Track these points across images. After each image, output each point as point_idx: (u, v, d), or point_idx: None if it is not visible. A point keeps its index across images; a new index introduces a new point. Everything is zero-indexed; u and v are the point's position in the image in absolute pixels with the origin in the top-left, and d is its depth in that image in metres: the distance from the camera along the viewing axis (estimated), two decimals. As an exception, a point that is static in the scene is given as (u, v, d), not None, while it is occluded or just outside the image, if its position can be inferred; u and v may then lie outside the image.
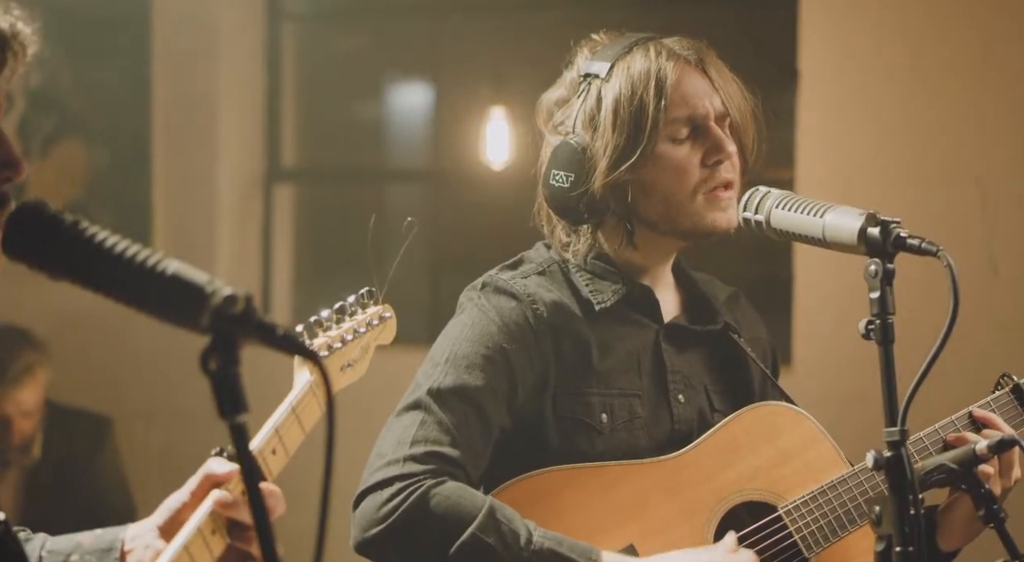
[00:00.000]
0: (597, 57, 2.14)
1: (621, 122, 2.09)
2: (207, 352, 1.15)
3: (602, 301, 2.14)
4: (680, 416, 2.16)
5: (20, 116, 5.07)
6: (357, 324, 1.94)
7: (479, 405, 2.05)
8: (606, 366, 2.12)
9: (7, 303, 4.42)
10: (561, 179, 2.11)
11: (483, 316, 2.10)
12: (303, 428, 1.78)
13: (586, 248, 2.16)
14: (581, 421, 2.10)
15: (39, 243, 1.22)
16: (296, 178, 5.18)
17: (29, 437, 4.15)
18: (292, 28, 5.12)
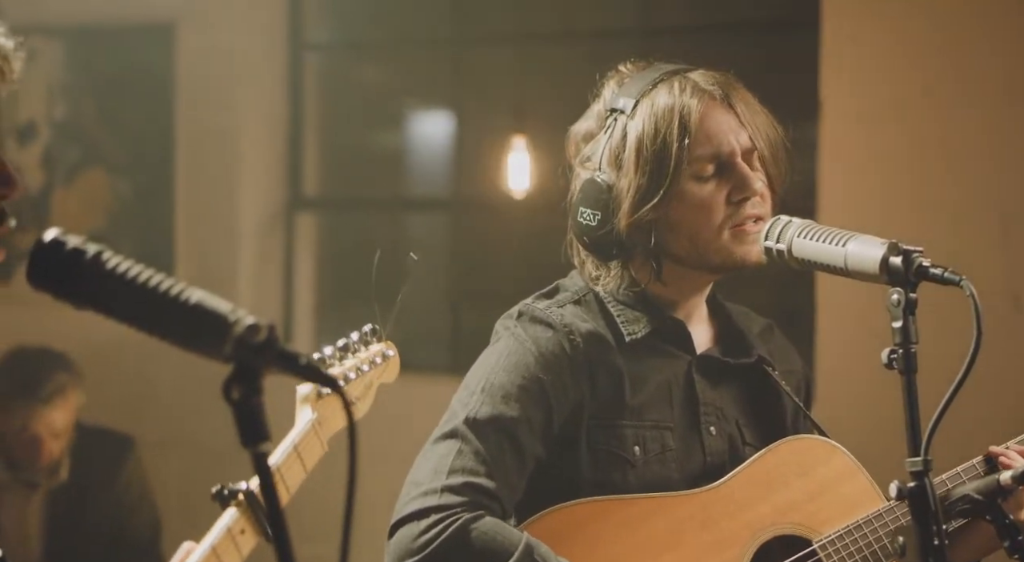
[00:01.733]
0: (623, 91, 2.13)
1: (644, 161, 2.07)
2: (230, 381, 1.15)
3: (633, 333, 2.13)
4: (712, 448, 2.15)
5: (45, 146, 5.11)
6: (360, 362, 1.93)
7: (515, 436, 2.04)
8: (639, 398, 2.11)
9: (42, 327, 4.45)
10: (588, 217, 2.11)
11: (519, 346, 2.09)
12: (304, 467, 1.77)
13: (615, 282, 2.16)
14: (614, 453, 2.09)
15: (62, 274, 1.22)
16: (318, 207, 5.20)
17: (57, 459, 4.16)
18: (314, 58, 5.15)
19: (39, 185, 5.11)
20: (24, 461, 4.13)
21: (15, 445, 4.12)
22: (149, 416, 4.82)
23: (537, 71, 4.87)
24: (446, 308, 4.94)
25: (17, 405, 4.10)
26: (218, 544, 1.59)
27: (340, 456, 1.53)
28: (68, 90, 5.11)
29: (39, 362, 4.22)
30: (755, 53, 4.46)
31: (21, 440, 4.10)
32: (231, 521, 1.62)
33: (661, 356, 2.15)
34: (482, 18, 4.99)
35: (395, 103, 5.27)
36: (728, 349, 2.22)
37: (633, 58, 2.21)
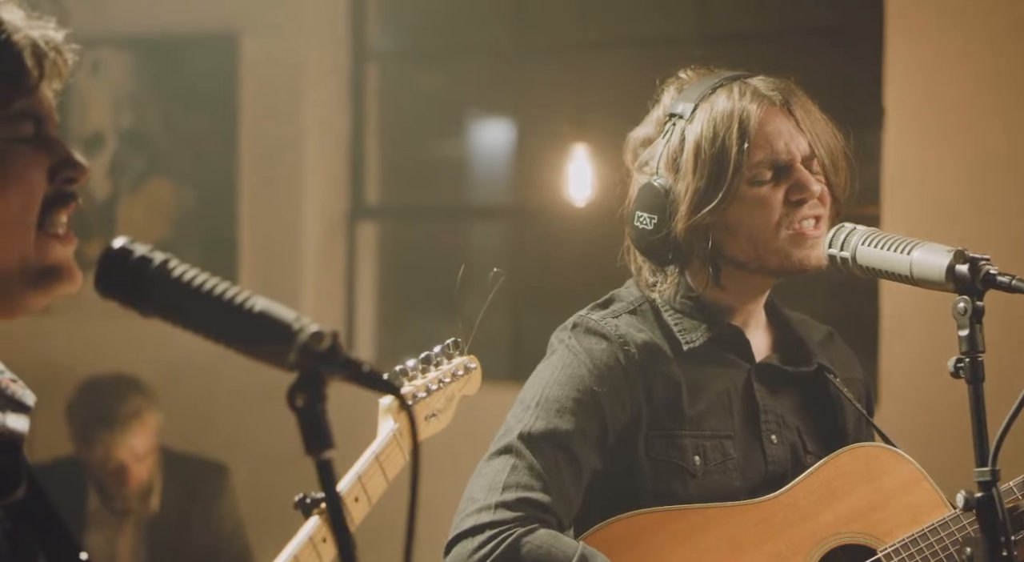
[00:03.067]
0: (682, 97, 2.13)
1: (702, 164, 2.07)
2: (294, 389, 1.16)
3: (690, 341, 2.12)
4: (773, 457, 2.14)
5: (111, 156, 5.17)
6: (442, 374, 1.95)
7: (570, 449, 2.03)
8: (697, 407, 2.10)
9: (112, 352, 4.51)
10: (645, 221, 2.10)
11: (574, 358, 2.09)
12: (386, 476, 1.78)
13: (672, 288, 2.15)
14: (674, 463, 2.08)
15: (130, 282, 1.24)
16: (379, 216, 5.23)
17: (146, 484, 4.19)
18: (376, 68, 5.17)
19: (106, 194, 5.17)
20: (113, 489, 4.17)
21: (102, 474, 4.16)
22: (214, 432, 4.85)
23: (597, 79, 4.87)
24: (507, 316, 4.94)
25: (97, 434, 4.13)
26: (300, 553, 1.60)
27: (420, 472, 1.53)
28: (134, 100, 5.17)
29: (113, 389, 4.25)
30: (816, 60, 4.44)
31: (107, 469, 4.14)
32: (313, 530, 1.63)
33: (719, 364, 2.14)
34: (543, 27, 5.00)
35: (456, 112, 5.28)
36: (787, 357, 2.21)
37: (693, 65, 2.20)
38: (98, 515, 4.22)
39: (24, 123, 1.34)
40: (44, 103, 1.37)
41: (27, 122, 1.34)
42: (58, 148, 1.36)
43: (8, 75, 1.32)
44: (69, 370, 4.52)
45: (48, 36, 1.37)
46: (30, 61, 1.34)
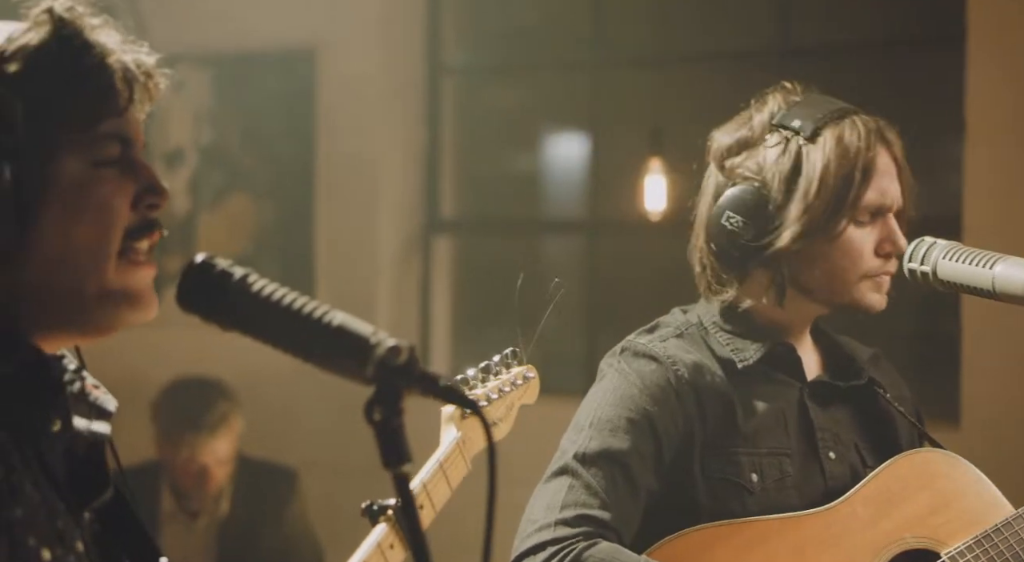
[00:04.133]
0: (797, 112, 2.10)
1: (825, 194, 2.04)
2: (371, 402, 1.17)
3: (744, 359, 2.12)
4: (833, 473, 2.12)
5: (192, 172, 5.24)
6: (502, 383, 1.96)
7: (626, 468, 2.03)
8: (752, 425, 2.09)
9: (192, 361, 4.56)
10: (736, 223, 2.07)
11: (624, 380, 2.09)
12: (450, 484, 1.79)
13: (732, 299, 2.14)
14: (731, 481, 2.07)
15: (211, 296, 1.25)
16: (455, 230, 5.25)
17: (221, 488, 4.25)
18: (452, 82, 5.20)
19: (186, 209, 5.24)
20: (191, 491, 4.22)
21: (183, 475, 4.21)
22: (292, 439, 4.89)
23: (674, 92, 4.86)
24: (582, 330, 4.93)
25: (184, 436, 4.19)
26: (367, 559, 1.61)
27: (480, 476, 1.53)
28: (214, 117, 5.24)
29: (200, 392, 4.31)
30: (898, 71, 4.40)
31: (189, 470, 4.19)
32: (380, 536, 1.65)
33: (771, 383, 2.14)
34: (619, 40, 5.00)
35: (532, 125, 5.30)
36: (837, 373, 2.20)
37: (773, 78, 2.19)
38: (171, 518, 4.27)
39: (111, 145, 1.36)
40: (132, 127, 1.39)
41: (114, 144, 1.36)
42: (143, 173, 1.38)
43: (98, 96, 1.34)
44: (150, 379, 4.58)
45: (140, 60, 1.39)
46: (120, 84, 1.36)
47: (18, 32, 1.34)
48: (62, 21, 1.35)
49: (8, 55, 1.32)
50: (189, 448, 4.17)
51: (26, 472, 1.29)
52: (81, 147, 1.34)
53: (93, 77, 1.34)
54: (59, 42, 1.34)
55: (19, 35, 1.34)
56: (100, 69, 1.35)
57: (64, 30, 1.35)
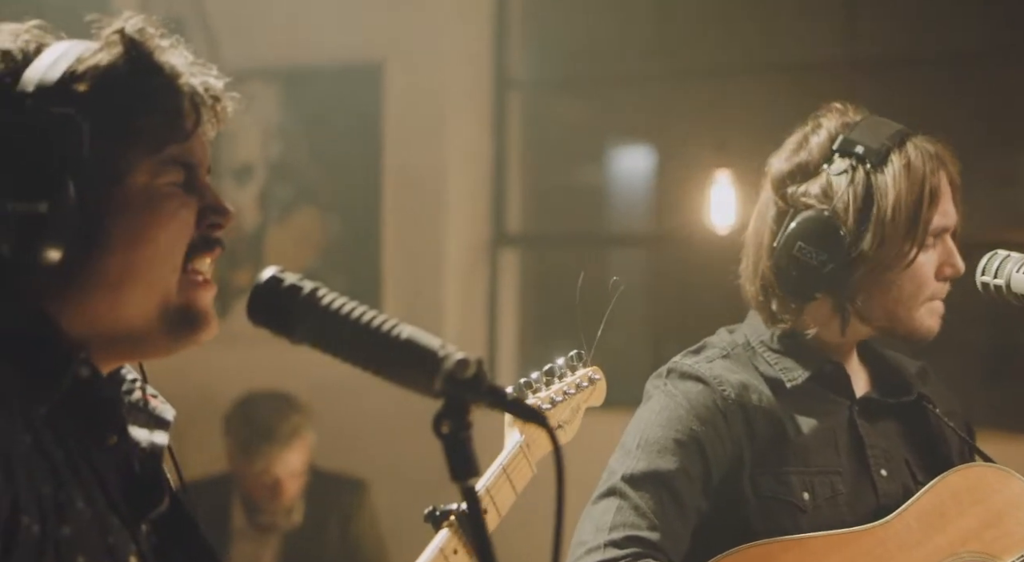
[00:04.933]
0: (858, 136, 2.08)
1: (899, 221, 2.04)
2: (440, 416, 1.17)
3: (793, 379, 2.11)
4: (884, 490, 2.11)
5: (260, 186, 5.29)
6: (567, 386, 1.96)
7: (674, 489, 2.03)
8: (802, 444, 2.09)
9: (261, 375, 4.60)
10: (809, 254, 2.05)
11: (671, 401, 2.08)
12: (514, 488, 1.80)
13: (793, 326, 2.13)
14: (783, 500, 2.06)
15: (280, 310, 1.26)
16: (521, 243, 5.25)
17: (294, 500, 4.28)
18: (518, 96, 5.21)
19: (255, 224, 5.29)
20: (264, 504, 4.26)
21: (256, 488, 4.25)
22: (361, 451, 4.91)
23: (740, 104, 4.84)
24: (647, 343, 4.92)
25: (258, 449, 4.23)
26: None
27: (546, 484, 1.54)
28: (282, 131, 5.28)
29: (273, 405, 4.35)
30: (965, 83, 4.35)
31: (262, 483, 4.23)
32: (443, 542, 1.65)
33: (820, 401, 2.13)
34: (685, 53, 4.99)
35: (598, 139, 5.30)
36: (886, 390, 2.19)
37: (837, 90, 2.18)
38: (243, 530, 4.31)
39: (175, 170, 1.37)
40: (197, 150, 1.40)
41: (177, 169, 1.37)
42: (207, 194, 1.39)
43: (166, 121, 1.36)
44: (220, 393, 4.62)
45: (209, 83, 1.40)
46: (188, 107, 1.37)
47: (88, 52, 1.35)
48: (132, 42, 1.36)
49: (78, 75, 1.33)
50: (263, 461, 4.20)
51: (78, 487, 1.30)
52: (147, 169, 1.35)
53: (162, 100, 1.36)
54: (129, 63, 1.35)
55: (89, 55, 1.35)
56: (169, 92, 1.36)
57: (134, 51, 1.36)
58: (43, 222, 1.29)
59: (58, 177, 1.29)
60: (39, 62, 1.34)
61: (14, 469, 1.24)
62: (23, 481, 1.25)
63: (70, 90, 1.32)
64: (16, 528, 1.23)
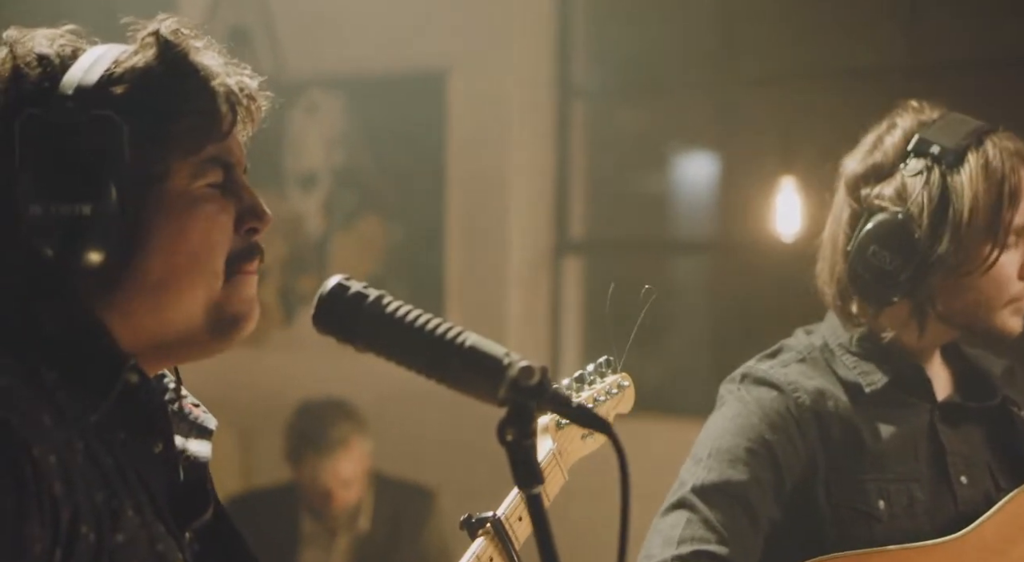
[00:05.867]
0: (934, 135, 2.04)
1: (976, 223, 2.00)
2: (504, 423, 1.18)
3: (872, 383, 2.07)
4: (964, 498, 2.07)
5: (325, 194, 5.33)
6: (596, 393, 1.95)
7: (745, 500, 2.00)
8: (879, 450, 2.05)
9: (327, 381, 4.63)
10: (883, 258, 2.02)
11: (744, 408, 2.06)
12: (547, 497, 1.79)
13: (871, 329, 2.10)
14: (857, 509, 2.03)
15: (346, 318, 1.27)
16: (584, 250, 5.25)
17: (353, 507, 4.29)
18: (581, 104, 5.21)
19: (319, 231, 5.33)
20: (322, 511, 4.29)
21: (311, 496, 4.29)
22: (428, 458, 4.93)
23: (804, 111, 4.81)
24: (710, 351, 4.90)
25: (306, 457, 4.27)
26: None
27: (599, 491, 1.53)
28: (347, 139, 5.32)
29: (324, 414, 4.37)
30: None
31: (314, 490, 4.27)
32: (479, 549, 1.65)
33: (900, 406, 2.09)
34: (748, 59, 4.97)
35: (661, 146, 5.28)
36: (969, 393, 2.15)
37: (904, 95, 2.14)
38: (311, 537, 4.34)
39: (214, 169, 1.37)
40: (234, 150, 1.40)
41: (216, 168, 1.38)
42: (245, 195, 1.40)
43: (202, 122, 1.36)
44: (287, 402, 4.65)
45: (244, 83, 1.40)
46: (224, 108, 1.37)
47: (125, 55, 1.36)
48: (167, 44, 1.37)
49: (115, 78, 1.34)
50: (311, 468, 4.24)
51: (128, 495, 1.31)
52: (185, 170, 1.35)
53: (198, 100, 1.36)
54: (165, 65, 1.36)
55: (126, 58, 1.35)
56: (204, 92, 1.37)
57: (169, 53, 1.36)
58: (86, 224, 1.29)
59: (100, 179, 1.30)
60: (77, 66, 1.35)
61: (73, 478, 1.25)
62: (81, 489, 1.26)
63: (109, 93, 1.33)
64: (76, 537, 1.24)
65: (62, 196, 1.30)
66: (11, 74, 1.35)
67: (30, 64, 1.35)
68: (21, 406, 1.25)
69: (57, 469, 1.23)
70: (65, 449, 1.25)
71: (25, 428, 1.23)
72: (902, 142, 2.06)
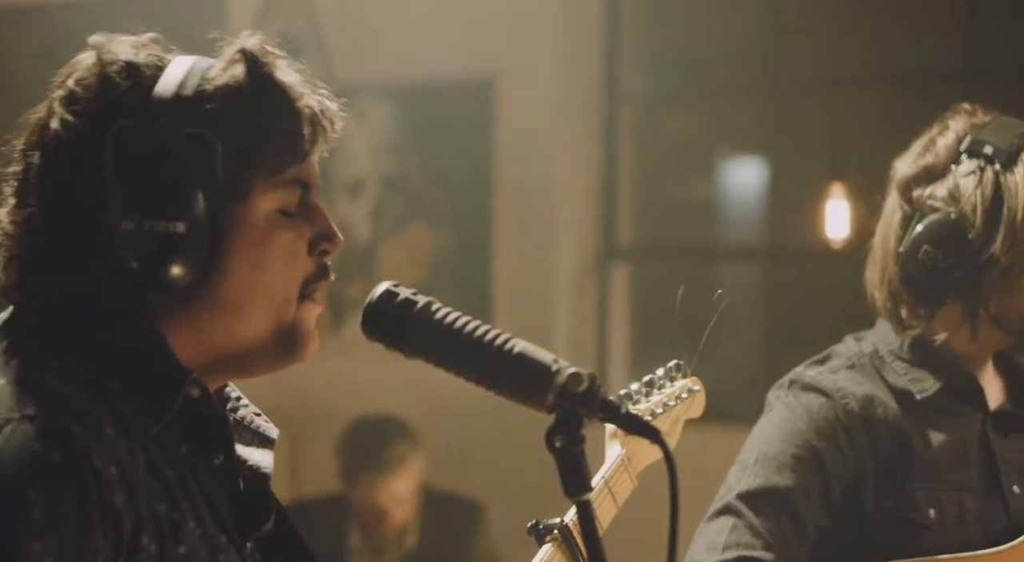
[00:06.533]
0: (987, 136, 2.03)
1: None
2: (553, 430, 1.17)
3: (923, 391, 2.05)
4: (1016, 508, 2.05)
5: (374, 200, 5.35)
6: (666, 397, 1.93)
7: (792, 506, 1.98)
8: (929, 459, 2.03)
9: (375, 390, 4.64)
10: (934, 257, 2.00)
11: (791, 414, 2.04)
12: (616, 502, 1.78)
13: (923, 333, 2.08)
14: (907, 518, 2.01)
15: (395, 324, 1.27)
16: (632, 257, 5.24)
17: (404, 525, 4.29)
18: (629, 109, 5.20)
19: (367, 238, 5.35)
20: (373, 528, 4.29)
21: (364, 514, 4.28)
22: (476, 469, 4.92)
23: (854, 116, 4.78)
24: (761, 358, 4.87)
25: (362, 475, 4.26)
26: None
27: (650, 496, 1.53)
28: (394, 146, 5.33)
29: (379, 431, 4.36)
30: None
31: (369, 509, 4.26)
32: (547, 556, 1.64)
33: (951, 415, 2.06)
34: (797, 63, 4.94)
35: (708, 152, 5.26)
36: (1021, 401, 2.13)
37: (954, 100, 2.13)
38: (358, 552, 4.33)
39: (293, 190, 1.37)
40: (311, 171, 1.40)
41: (295, 189, 1.38)
42: (319, 218, 1.40)
43: (287, 143, 1.36)
44: (335, 408, 4.67)
45: (325, 105, 1.40)
46: (307, 129, 1.37)
47: (215, 70, 1.35)
48: (255, 62, 1.36)
49: (207, 95, 1.33)
50: (367, 487, 4.23)
51: (189, 507, 1.31)
52: (267, 191, 1.35)
53: (284, 121, 1.36)
54: (253, 84, 1.35)
55: (216, 74, 1.35)
56: (291, 113, 1.36)
57: (257, 71, 1.36)
58: (175, 241, 1.29)
59: (192, 197, 1.30)
60: (167, 78, 1.34)
61: (135, 490, 1.25)
62: (143, 501, 1.26)
63: (202, 109, 1.32)
64: (137, 548, 1.24)
65: (155, 213, 1.29)
66: (101, 81, 1.34)
67: (119, 72, 1.34)
68: (83, 416, 1.25)
69: (119, 480, 1.24)
70: (127, 460, 1.26)
71: (87, 438, 1.23)
72: (955, 143, 2.05)
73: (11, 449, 1.20)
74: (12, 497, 1.19)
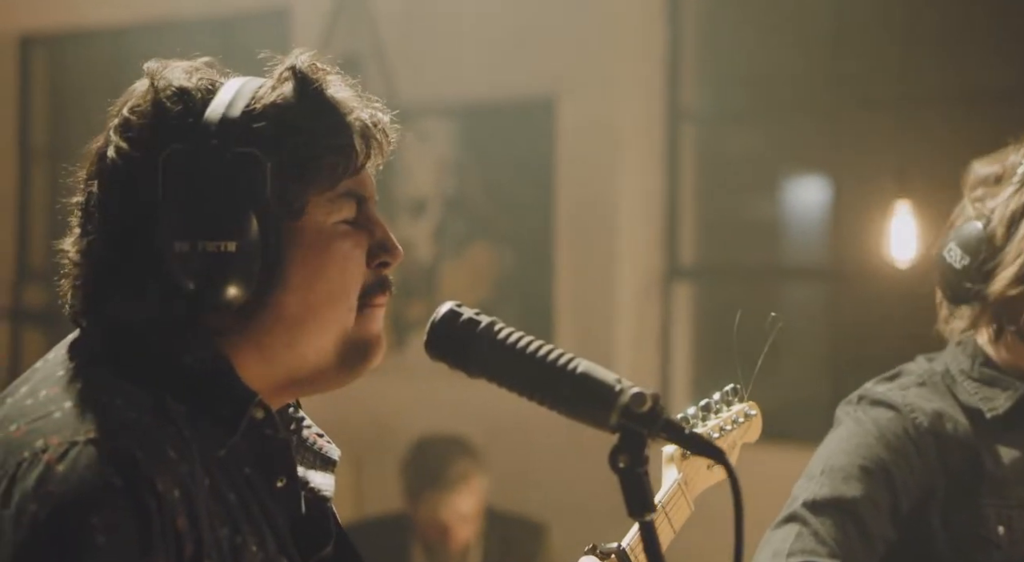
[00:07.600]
0: None
1: None
2: (616, 450, 1.17)
3: (993, 409, 2.04)
4: None
5: (436, 221, 5.37)
6: (723, 422, 1.92)
7: (858, 516, 1.97)
8: (999, 475, 2.01)
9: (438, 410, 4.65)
10: (956, 256, 2.03)
11: (859, 428, 2.04)
12: (673, 527, 1.77)
13: (971, 348, 2.07)
14: (976, 534, 1.99)
15: (458, 344, 1.27)
16: (694, 276, 5.22)
17: (467, 544, 4.29)
18: (691, 128, 5.19)
19: (429, 258, 5.37)
20: (437, 546, 4.30)
21: (427, 531, 4.29)
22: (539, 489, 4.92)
23: (920, 133, 4.74)
24: (826, 379, 4.83)
25: (426, 494, 4.27)
26: None
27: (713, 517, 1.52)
28: (456, 166, 5.35)
29: (443, 450, 4.37)
30: None
31: (432, 528, 4.27)
32: None
33: (1021, 432, 2.05)
34: (861, 81, 4.91)
35: (772, 170, 5.24)
36: None
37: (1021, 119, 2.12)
38: (421, 571, 4.35)
39: (348, 203, 1.38)
40: (367, 183, 1.41)
41: (351, 202, 1.39)
42: (377, 230, 1.41)
43: (339, 157, 1.37)
44: (398, 428, 4.68)
45: (377, 118, 1.41)
46: (359, 143, 1.38)
47: (264, 90, 1.37)
48: (305, 79, 1.37)
49: (257, 114, 1.35)
50: (431, 505, 4.23)
51: (251, 531, 1.32)
52: (322, 205, 1.36)
53: (335, 136, 1.37)
54: (303, 100, 1.37)
55: (265, 93, 1.36)
56: (342, 128, 1.37)
57: (307, 88, 1.37)
58: (230, 260, 1.30)
59: (244, 216, 1.31)
60: (217, 100, 1.35)
61: (198, 513, 1.26)
62: (205, 524, 1.26)
63: (251, 129, 1.34)
64: None
65: (208, 233, 1.31)
66: (153, 108, 1.36)
67: (171, 98, 1.36)
68: (148, 440, 1.26)
69: (181, 503, 1.25)
70: (190, 484, 1.27)
71: (151, 461, 1.24)
72: (1021, 157, 2.06)
73: (75, 473, 1.21)
74: (75, 522, 1.19)
